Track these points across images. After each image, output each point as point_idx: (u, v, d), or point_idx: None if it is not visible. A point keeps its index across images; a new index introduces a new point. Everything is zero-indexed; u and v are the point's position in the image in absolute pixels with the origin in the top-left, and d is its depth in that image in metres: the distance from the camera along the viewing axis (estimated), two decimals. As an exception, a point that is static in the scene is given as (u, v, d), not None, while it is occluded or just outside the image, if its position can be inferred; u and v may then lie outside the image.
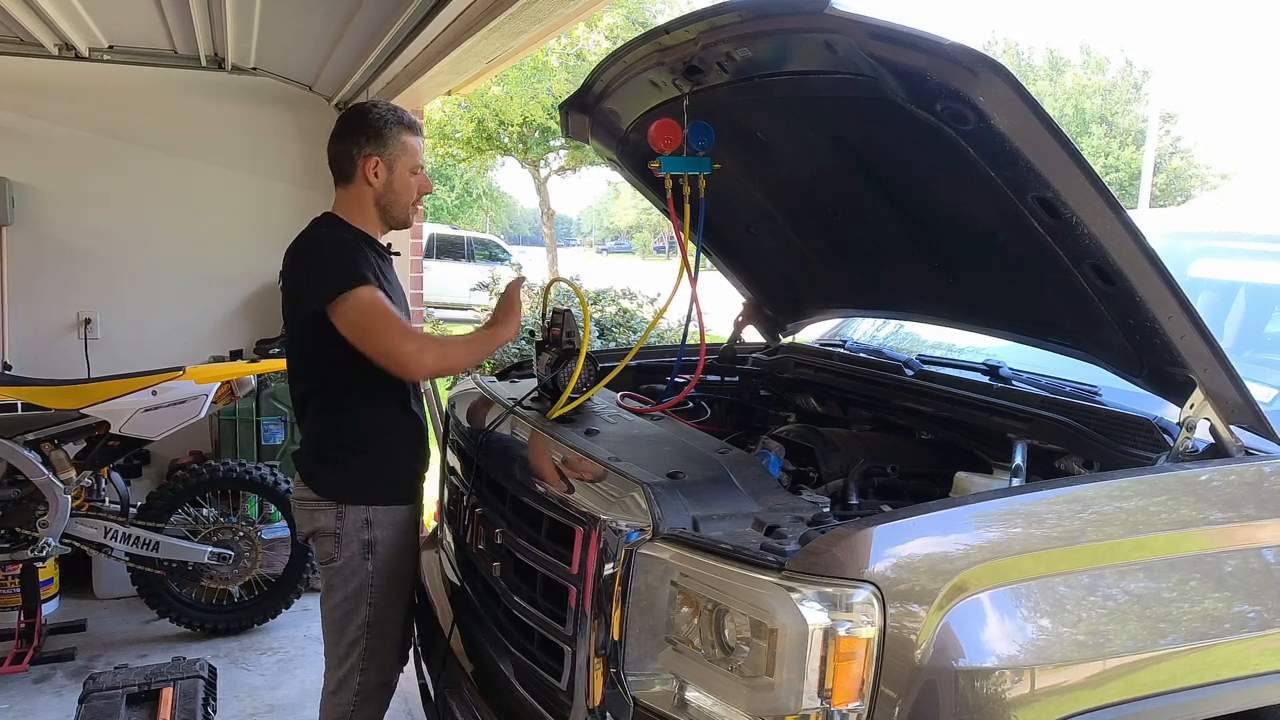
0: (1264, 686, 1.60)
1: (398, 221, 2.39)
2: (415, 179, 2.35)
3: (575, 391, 2.21)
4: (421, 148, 2.36)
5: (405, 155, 2.31)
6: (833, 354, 2.77)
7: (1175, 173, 30.16)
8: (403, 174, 2.31)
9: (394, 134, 2.29)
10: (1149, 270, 1.57)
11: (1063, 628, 1.45)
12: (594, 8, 2.96)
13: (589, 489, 1.79)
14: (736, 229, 2.73)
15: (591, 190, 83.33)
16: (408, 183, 2.33)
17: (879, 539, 1.40)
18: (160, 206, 4.57)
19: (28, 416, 3.58)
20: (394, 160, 2.29)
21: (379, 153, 2.28)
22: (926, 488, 2.10)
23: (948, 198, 1.99)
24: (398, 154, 2.30)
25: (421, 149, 2.36)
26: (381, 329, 2.14)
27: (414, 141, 2.33)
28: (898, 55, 1.53)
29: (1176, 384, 1.75)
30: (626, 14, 15.67)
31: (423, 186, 2.38)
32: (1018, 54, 33.18)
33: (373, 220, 2.35)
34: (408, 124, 2.33)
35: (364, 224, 2.34)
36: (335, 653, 2.35)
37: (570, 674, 1.70)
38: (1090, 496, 1.57)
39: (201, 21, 3.77)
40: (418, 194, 2.38)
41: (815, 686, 1.36)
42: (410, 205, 2.38)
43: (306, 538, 2.38)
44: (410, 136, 2.32)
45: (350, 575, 2.30)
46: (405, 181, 2.33)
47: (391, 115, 2.31)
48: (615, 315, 8.77)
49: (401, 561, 2.36)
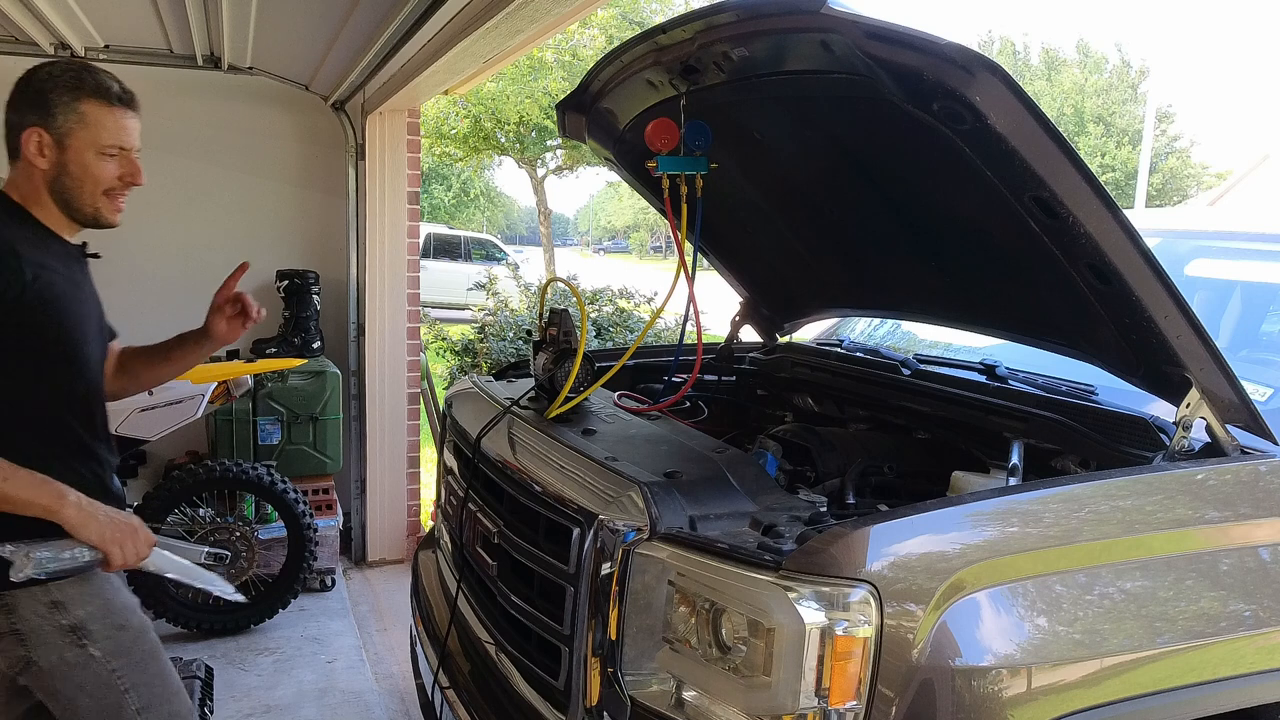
0: (1260, 685, 1.61)
1: (83, 216, 1.82)
2: (108, 163, 1.78)
3: (572, 391, 2.21)
4: (123, 123, 1.79)
5: (84, 129, 1.75)
6: (829, 353, 2.77)
7: (1171, 172, 30.24)
8: (81, 154, 1.76)
9: (65, 100, 1.73)
10: (1145, 270, 1.58)
11: (1059, 627, 1.45)
12: (591, 7, 2.95)
13: (586, 488, 1.79)
14: (733, 228, 2.73)
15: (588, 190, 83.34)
16: (89, 165, 1.77)
17: (876, 538, 1.40)
18: (156, 206, 4.56)
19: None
20: (65, 134, 1.74)
21: (41, 122, 1.74)
22: (923, 487, 2.10)
23: (944, 197, 2.00)
24: (71, 126, 1.74)
25: (123, 125, 1.79)
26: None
27: (101, 112, 1.76)
28: (894, 55, 1.53)
29: (1173, 383, 1.76)
30: (622, 13, 15.67)
31: (126, 174, 1.81)
32: (1014, 53, 33.24)
33: (50, 209, 1.80)
34: (95, 89, 1.75)
35: (41, 212, 1.80)
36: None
37: (567, 673, 1.70)
38: (1087, 495, 1.58)
39: (198, 21, 3.76)
40: (119, 183, 1.81)
41: (812, 686, 1.36)
42: (98, 195, 1.80)
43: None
44: (95, 105, 1.75)
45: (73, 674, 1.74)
46: (85, 163, 1.77)
47: (70, 76, 1.75)
48: (612, 315, 8.77)
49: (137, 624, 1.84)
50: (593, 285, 9.56)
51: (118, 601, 1.84)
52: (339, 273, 4.80)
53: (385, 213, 4.60)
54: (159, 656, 1.87)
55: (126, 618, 1.83)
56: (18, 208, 1.79)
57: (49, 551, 1.69)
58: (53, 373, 1.77)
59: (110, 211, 1.83)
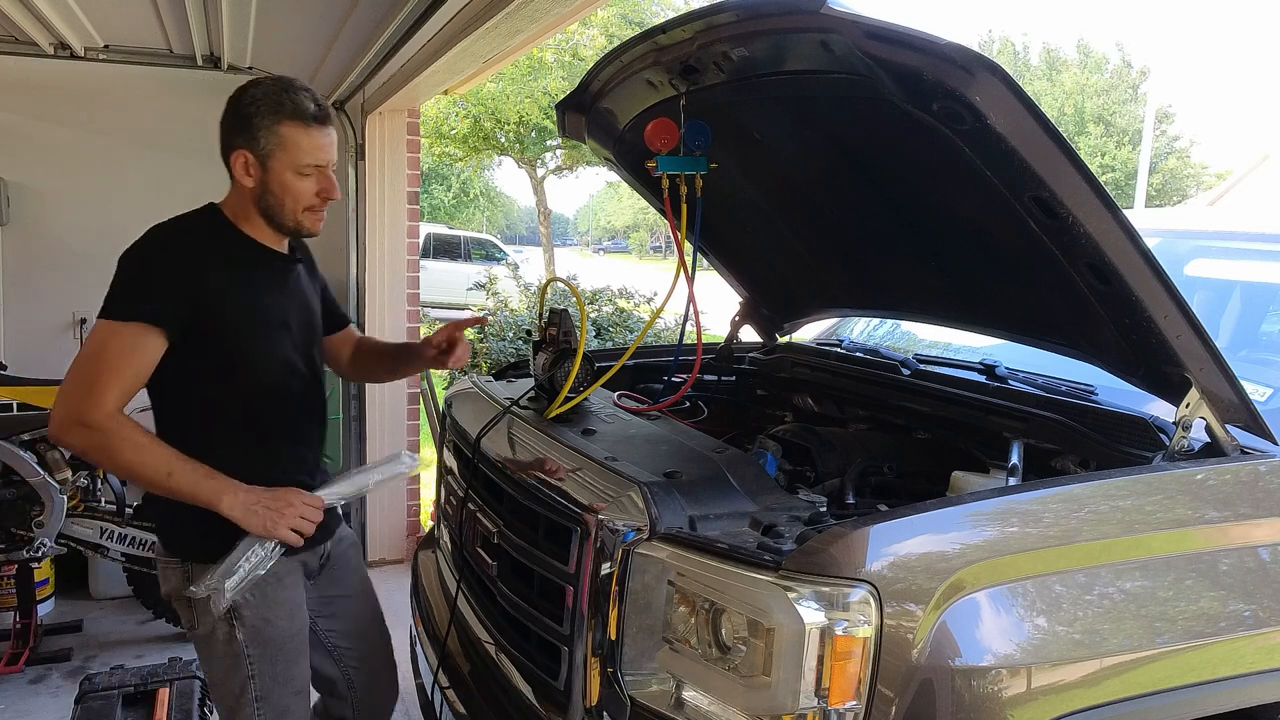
0: (1259, 685, 1.61)
1: (287, 229, 1.97)
2: (305, 181, 1.91)
3: (572, 391, 2.21)
4: (318, 142, 1.89)
5: (283, 151, 1.87)
6: (829, 353, 2.77)
7: (1171, 172, 30.24)
8: (281, 174, 1.88)
9: (266, 122, 1.85)
10: (1145, 270, 1.57)
11: (1059, 627, 1.45)
12: (590, 7, 2.95)
13: (586, 488, 1.79)
14: (733, 228, 2.73)
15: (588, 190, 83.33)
16: (289, 184, 1.89)
17: (875, 538, 1.40)
18: (156, 206, 4.49)
19: (23, 416, 3.58)
20: (267, 155, 1.87)
21: (246, 144, 1.87)
22: (923, 487, 2.10)
23: (944, 197, 2.00)
24: (272, 148, 1.86)
25: (318, 144, 1.89)
26: (82, 370, 1.79)
27: (298, 134, 1.86)
28: (894, 55, 1.53)
29: (1172, 383, 1.76)
30: (621, 14, 15.67)
31: (323, 189, 1.93)
32: (1014, 53, 33.25)
33: (258, 223, 1.96)
34: (292, 111, 1.86)
35: (250, 227, 1.97)
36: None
37: (567, 673, 1.70)
38: (1086, 495, 1.57)
39: (197, 21, 3.76)
40: (317, 199, 1.94)
41: (812, 686, 1.36)
42: (300, 210, 1.93)
43: (167, 598, 2.02)
44: (293, 127, 1.86)
45: (219, 648, 1.94)
46: (284, 183, 1.89)
47: (271, 97, 1.86)
48: (612, 315, 8.77)
49: (285, 625, 1.98)
50: (592, 285, 9.57)
51: (278, 597, 1.97)
52: (339, 272, 4.79)
53: (385, 213, 4.60)
54: (295, 660, 2.01)
55: (277, 613, 1.97)
56: (223, 223, 1.96)
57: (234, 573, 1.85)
58: (233, 369, 1.93)
59: (311, 224, 1.98)
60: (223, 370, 1.92)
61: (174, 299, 1.83)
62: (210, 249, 1.92)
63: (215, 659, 1.97)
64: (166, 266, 1.87)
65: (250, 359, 1.95)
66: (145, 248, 1.88)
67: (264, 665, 1.95)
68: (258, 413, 1.98)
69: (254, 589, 1.90)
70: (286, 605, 1.99)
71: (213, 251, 1.92)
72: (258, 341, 1.96)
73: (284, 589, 1.98)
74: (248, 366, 1.95)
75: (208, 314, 1.86)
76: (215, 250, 1.93)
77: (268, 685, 1.96)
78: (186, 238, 1.92)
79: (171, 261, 1.87)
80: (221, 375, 1.93)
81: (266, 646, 1.95)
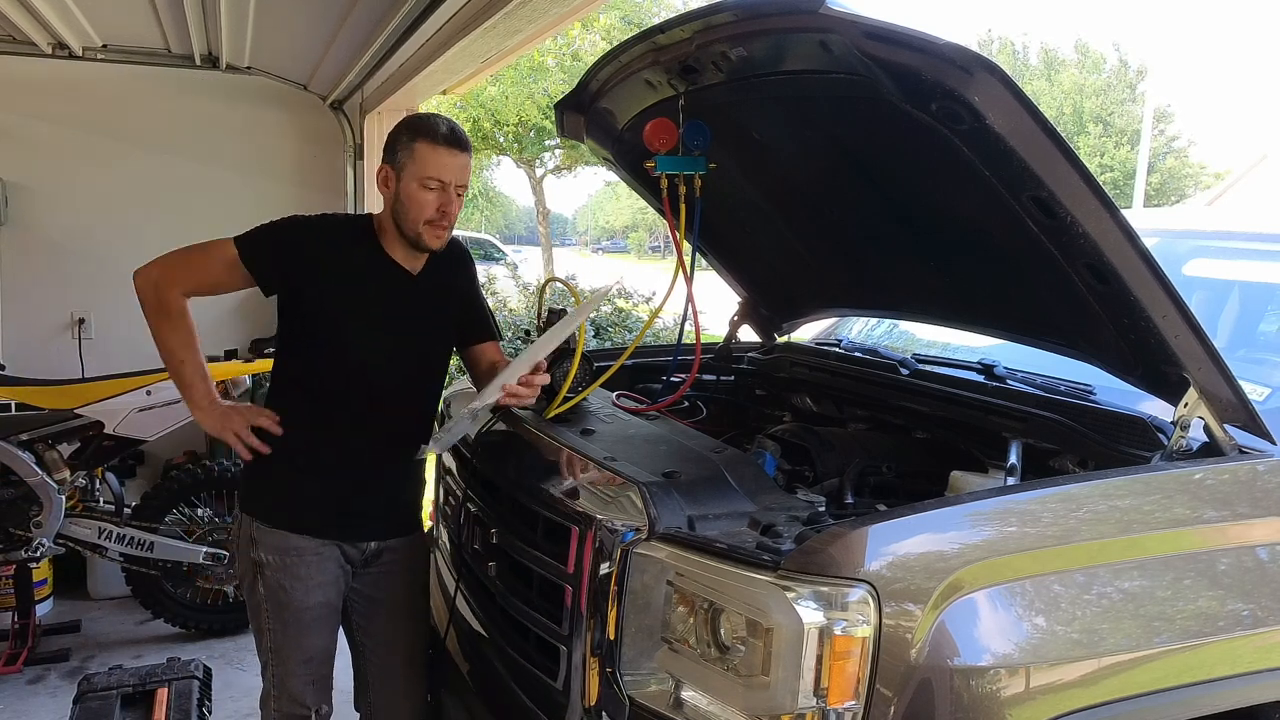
0: (1258, 685, 1.61)
1: (410, 240, 2.12)
2: (428, 194, 2.05)
3: (571, 391, 2.21)
4: (444, 160, 2.05)
5: (413, 164, 2.04)
6: (828, 353, 2.77)
7: (1169, 172, 30.26)
8: (408, 184, 2.05)
9: (404, 140, 2.06)
10: (1143, 270, 1.58)
11: (1057, 626, 1.45)
12: (589, 7, 2.96)
13: (585, 489, 1.79)
14: (732, 228, 2.73)
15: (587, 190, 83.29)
16: (413, 195, 2.05)
17: (874, 538, 1.40)
18: (154, 206, 4.55)
19: (22, 416, 3.58)
20: (401, 168, 2.06)
21: (389, 159, 2.09)
22: (922, 487, 2.10)
23: (943, 197, 2.00)
24: (405, 162, 2.05)
25: (444, 161, 2.05)
26: (184, 254, 2.16)
27: (426, 150, 2.04)
28: (893, 55, 1.53)
29: (1171, 383, 1.76)
30: (624, 17, 15.66)
31: (442, 205, 2.07)
32: (1013, 53, 33.27)
33: (392, 235, 2.14)
34: (425, 131, 2.05)
35: (385, 239, 2.15)
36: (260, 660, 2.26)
37: (566, 674, 1.70)
38: (1085, 495, 1.58)
39: (196, 20, 3.76)
40: (437, 214, 2.07)
41: (811, 685, 1.36)
42: (420, 222, 2.07)
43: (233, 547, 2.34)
44: (423, 144, 2.04)
45: (247, 591, 2.22)
46: (410, 193, 2.05)
47: (411, 121, 2.10)
48: (611, 315, 8.76)
49: (299, 596, 2.14)
50: (591, 285, 9.56)
51: (298, 571, 2.14)
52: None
53: (384, 212, 4.59)
54: (306, 631, 2.17)
55: (294, 584, 2.14)
56: (365, 232, 2.18)
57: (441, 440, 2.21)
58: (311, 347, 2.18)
59: (429, 238, 2.12)
60: (303, 345, 2.18)
61: (270, 251, 2.12)
62: (330, 234, 2.17)
63: (250, 603, 2.22)
64: (284, 227, 2.15)
65: (326, 343, 2.15)
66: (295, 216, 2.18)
67: (277, 624, 2.16)
68: (325, 396, 2.17)
69: (275, 550, 2.13)
70: (304, 581, 2.14)
71: (331, 236, 2.17)
72: (337, 331, 2.14)
73: (304, 564, 2.14)
74: (323, 350, 2.15)
75: (299, 281, 2.12)
76: (335, 238, 2.17)
77: (279, 640, 2.17)
78: (319, 219, 2.19)
79: (291, 226, 2.16)
80: (302, 350, 2.19)
81: (281, 610, 2.15)
